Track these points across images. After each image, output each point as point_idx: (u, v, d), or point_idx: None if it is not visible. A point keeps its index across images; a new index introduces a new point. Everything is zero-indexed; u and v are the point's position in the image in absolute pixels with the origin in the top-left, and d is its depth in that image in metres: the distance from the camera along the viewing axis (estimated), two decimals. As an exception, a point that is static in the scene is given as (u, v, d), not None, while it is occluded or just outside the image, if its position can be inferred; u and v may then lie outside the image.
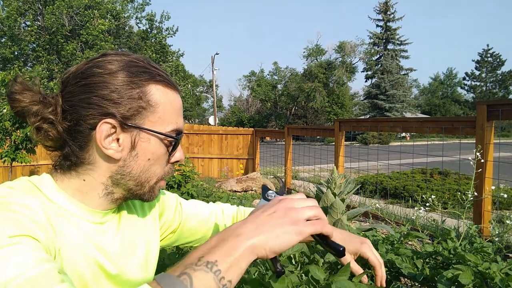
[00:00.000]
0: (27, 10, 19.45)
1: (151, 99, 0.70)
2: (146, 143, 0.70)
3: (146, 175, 0.73)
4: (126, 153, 0.70)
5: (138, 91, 0.68)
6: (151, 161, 0.72)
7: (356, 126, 5.15)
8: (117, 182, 0.72)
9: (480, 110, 3.05)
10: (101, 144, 0.67)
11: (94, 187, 0.71)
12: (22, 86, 0.68)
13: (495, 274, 0.92)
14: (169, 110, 0.72)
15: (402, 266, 1.10)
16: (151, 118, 0.70)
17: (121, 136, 0.69)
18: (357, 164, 6.36)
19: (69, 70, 0.72)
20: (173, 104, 0.73)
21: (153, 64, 0.74)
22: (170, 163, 0.76)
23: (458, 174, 6.38)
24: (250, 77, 51.48)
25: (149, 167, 0.72)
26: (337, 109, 38.51)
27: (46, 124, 0.69)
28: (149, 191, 0.75)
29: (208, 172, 8.72)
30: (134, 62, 0.71)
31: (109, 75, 0.68)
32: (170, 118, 0.72)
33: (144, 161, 0.71)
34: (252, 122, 43.32)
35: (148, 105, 0.69)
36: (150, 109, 0.70)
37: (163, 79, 0.72)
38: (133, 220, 0.84)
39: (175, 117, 0.73)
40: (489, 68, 48.68)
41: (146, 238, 0.85)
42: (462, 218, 1.68)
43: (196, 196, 3.06)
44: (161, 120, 0.71)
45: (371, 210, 3.90)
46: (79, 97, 0.67)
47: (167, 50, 22.75)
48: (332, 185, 1.75)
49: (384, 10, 37.82)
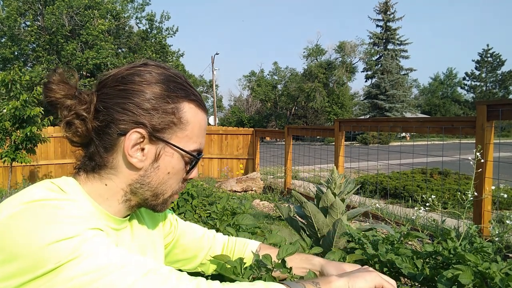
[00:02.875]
0: (27, 10, 19.44)
1: (183, 116, 0.71)
2: (169, 157, 0.72)
3: (163, 188, 0.74)
4: (149, 163, 0.71)
5: (172, 106, 0.70)
6: (170, 175, 0.74)
7: (356, 126, 5.15)
8: (135, 190, 0.73)
9: (480, 110, 3.05)
10: (128, 151, 0.68)
11: (115, 193, 0.72)
12: (61, 77, 0.69)
13: (495, 274, 0.92)
14: (196, 130, 0.74)
15: (402, 266, 1.10)
16: (179, 134, 0.72)
17: (147, 147, 0.70)
18: (357, 164, 6.36)
19: (109, 72, 0.73)
20: (201, 124, 0.75)
21: (189, 83, 0.76)
22: (185, 180, 0.78)
23: (458, 174, 6.38)
24: (250, 77, 51.48)
25: (167, 180, 0.74)
26: (337, 109, 38.49)
27: (78, 120, 0.69)
28: (163, 203, 0.77)
29: (208, 172, 8.72)
30: (173, 78, 0.73)
31: (148, 85, 0.69)
32: (196, 137, 0.74)
33: (164, 174, 0.73)
34: (252, 122, 43.31)
35: (179, 121, 0.71)
36: (180, 126, 0.71)
37: (196, 98, 0.74)
38: (144, 229, 0.85)
39: (200, 137, 0.76)
40: (489, 68, 48.67)
41: (154, 247, 0.86)
42: (462, 218, 1.68)
43: (196, 196, 3.06)
44: (187, 138, 0.73)
45: (371, 210, 3.90)
46: (115, 101, 0.68)
47: (167, 50, 22.74)
48: (332, 185, 1.75)
49: (384, 10, 37.80)
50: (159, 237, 0.90)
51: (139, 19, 22.68)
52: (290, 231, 3.43)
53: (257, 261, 0.90)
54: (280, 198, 5.84)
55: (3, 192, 6.45)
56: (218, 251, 1.01)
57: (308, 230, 1.90)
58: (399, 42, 37.89)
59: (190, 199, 3.02)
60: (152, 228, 0.88)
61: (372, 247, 1.23)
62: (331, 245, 1.64)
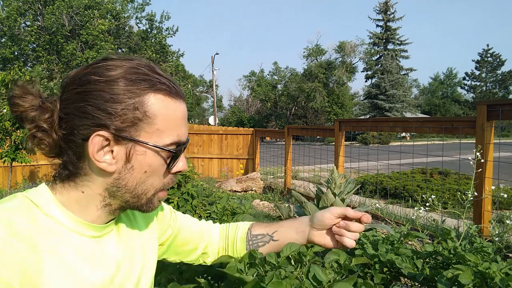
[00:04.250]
0: (27, 10, 19.44)
1: (149, 109, 0.65)
2: (142, 156, 0.67)
3: (142, 188, 0.70)
4: (121, 165, 0.67)
5: (134, 101, 0.64)
6: (148, 173, 0.69)
7: (356, 126, 5.15)
8: (114, 194, 0.69)
9: (480, 110, 3.05)
10: (93, 157, 0.64)
11: (92, 199, 0.69)
12: (23, 90, 0.66)
13: (495, 274, 0.92)
14: (169, 121, 0.68)
15: (402, 266, 1.10)
16: (148, 129, 0.66)
17: (115, 149, 0.65)
18: (357, 164, 6.36)
19: (69, 74, 0.68)
20: (175, 114, 0.69)
21: (157, 71, 0.69)
22: (171, 174, 0.73)
23: (458, 174, 6.38)
24: (250, 77, 51.47)
25: (146, 179, 0.69)
26: (337, 109, 38.49)
27: (40, 132, 0.66)
28: (147, 203, 0.72)
29: (208, 172, 8.72)
30: (135, 69, 0.66)
31: (105, 83, 0.64)
32: (170, 130, 0.68)
33: (140, 174, 0.68)
34: (252, 122, 43.31)
35: (144, 116, 0.65)
36: (147, 121, 0.66)
37: (165, 87, 0.68)
38: (133, 231, 0.82)
39: (176, 129, 0.69)
40: (489, 68, 48.69)
41: (143, 251, 0.82)
42: (462, 218, 1.68)
43: (196, 196, 3.06)
44: (159, 132, 0.67)
45: (371, 210, 3.90)
46: (74, 105, 0.64)
47: (167, 50, 22.75)
48: (332, 185, 1.75)
49: (384, 10, 37.81)
50: (152, 238, 0.87)
51: (139, 19, 22.71)
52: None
53: (260, 259, 0.90)
54: (280, 198, 5.84)
55: (3, 192, 6.46)
56: (216, 240, 1.02)
57: (308, 230, 1.90)
58: (399, 42, 37.91)
59: (190, 199, 3.02)
60: (143, 229, 0.85)
61: (372, 247, 1.23)
62: (331, 245, 1.64)
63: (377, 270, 1.16)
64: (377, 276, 1.13)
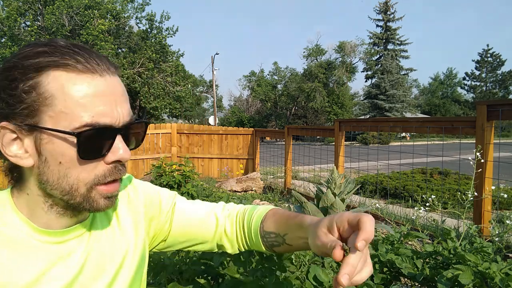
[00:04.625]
0: (27, 10, 19.45)
1: (46, 90, 0.56)
2: (50, 145, 0.58)
3: (67, 182, 0.60)
4: (37, 158, 0.59)
5: (29, 83, 0.56)
6: (65, 164, 0.59)
7: (356, 126, 5.15)
8: (46, 192, 0.62)
9: (480, 110, 3.05)
10: (5, 152, 0.59)
11: (36, 201, 0.63)
12: None
13: (495, 274, 0.92)
14: (74, 101, 0.57)
15: (402, 266, 1.10)
16: (50, 113, 0.57)
17: (25, 141, 0.59)
18: (357, 164, 6.36)
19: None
20: (83, 92, 0.57)
21: (60, 44, 0.60)
22: (109, 164, 0.62)
23: (458, 174, 6.38)
24: (250, 77, 51.47)
25: (66, 171, 0.59)
26: (337, 109, 38.49)
27: None
28: (85, 200, 0.62)
29: (208, 172, 8.72)
30: (31, 48, 0.58)
31: (3, 70, 0.58)
32: (78, 110, 0.57)
33: (56, 166, 0.59)
34: (252, 122, 43.31)
35: (42, 98, 0.56)
36: (45, 103, 0.57)
37: (70, 62, 0.58)
38: (107, 235, 0.72)
39: (87, 109, 0.57)
40: (489, 68, 48.69)
41: (122, 256, 0.73)
42: (462, 218, 1.68)
43: (196, 196, 3.06)
44: (64, 115, 0.57)
45: (371, 210, 3.90)
46: None
47: (167, 50, 22.73)
48: (332, 185, 1.75)
49: (384, 10, 37.81)
50: (136, 242, 0.77)
51: (139, 19, 22.69)
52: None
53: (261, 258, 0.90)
54: (280, 198, 5.84)
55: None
56: (228, 230, 0.88)
57: (308, 230, 1.90)
58: (399, 42, 37.91)
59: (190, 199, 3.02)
60: (128, 230, 0.76)
61: (372, 247, 1.23)
62: (331, 245, 1.63)
63: (377, 270, 1.16)
64: (377, 276, 1.13)
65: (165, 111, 24.03)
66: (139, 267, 0.77)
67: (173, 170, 3.57)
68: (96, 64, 0.60)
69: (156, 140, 8.64)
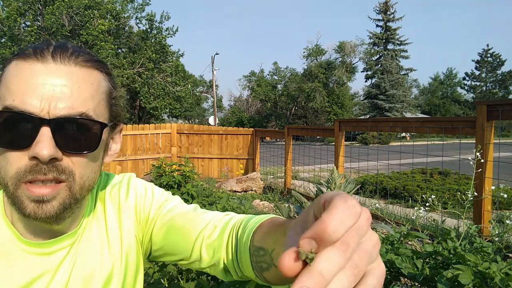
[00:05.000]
0: (27, 10, 19.45)
1: (1, 75, 0.56)
2: None
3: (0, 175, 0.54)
4: None
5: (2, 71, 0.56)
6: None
7: (356, 126, 5.15)
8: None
9: (480, 110, 3.05)
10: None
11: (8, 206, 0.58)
12: None
13: (495, 274, 0.92)
14: (5, 84, 0.54)
15: (402, 266, 1.10)
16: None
17: None
18: (357, 164, 6.36)
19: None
20: (15, 75, 0.54)
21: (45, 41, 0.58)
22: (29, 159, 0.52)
23: (458, 174, 6.38)
24: (250, 77, 51.48)
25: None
26: (337, 109, 38.50)
27: None
28: (14, 200, 0.54)
29: (208, 172, 8.72)
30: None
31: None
32: (3, 93, 0.54)
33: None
34: (252, 122, 43.32)
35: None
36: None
37: (26, 52, 0.56)
38: (95, 246, 0.67)
39: (12, 92, 0.53)
40: (489, 68, 48.70)
41: (110, 269, 0.67)
42: (462, 218, 1.68)
43: (196, 196, 3.06)
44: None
45: (371, 210, 3.90)
46: None
47: (167, 50, 22.74)
48: (332, 185, 1.75)
49: (384, 10, 37.81)
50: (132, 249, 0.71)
51: (139, 19, 22.71)
52: (290, 231, 3.43)
53: None
54: (280, 198, 5.84)
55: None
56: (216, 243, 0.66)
57: (308, 230, 1.90)
58: (399, 42, 37.91)
59: (190, 199, 3.02)
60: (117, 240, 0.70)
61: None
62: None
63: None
64: (377, 276, 1.12)
65: (165, 111, 24.04)
66: (131, 278, 0.70)
67: (173, 170, 3.57)
68: (50, 52, 0.55)
69: (156, 140, 8.65)
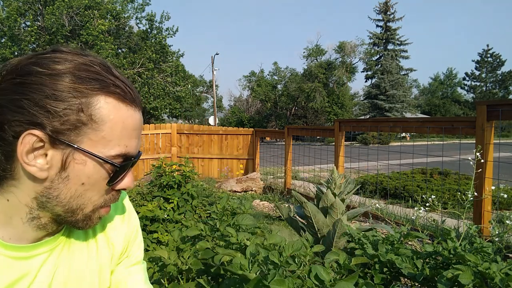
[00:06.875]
0: (27, 10, 19.45)
1: (96, 113, 0.57)
2: (81, 165, 0.58)
3: (78, 202, 0.60)
4: (55, 173, 0.57)
5: (80, 101, 0.56)
6: (86, 186, 0.60)
7: (356, 126, 5.15)
8: (43, 205, 0.59)
9: (480, 110, 3.05)
10: (22, 158, 0.55)
11: (18, 210, 0.59)
12: None
13: (495, 274, 0.92)
14: (118, 130, 0.59)
15: (402, 266, 1.10)
16: (92, 136, 0.58)
17: (50, 153, 0.57)
18: (357, 164, 6.36)
19: (9, 62, 0.60)
20: (126, 123, 0.60)
21: (112, 71, 0.61)
22: (115, 190, 0.64)
23: (458, 174, 6.38)
24: (250, 77, 51.49)
25: (83, 192, 0.60)
26: (337, 109, 38.51)
27: None
28: (84, 219, 0.63)
29: (208, 172, 8.72)
30: (86, 66, 0.58)
31: (49, 76, 0.56)
32: (118, 139, 0.60)
33: (76, 185, 0.59)
34: (252, 122, 43.33)
35: (90, 120, 0.57)
36: (92, 126, 0.57)
37: (119, 91, 0.60)
38: (81, 251, 0.69)
39: (125, 139, 0.60)
40: (489, 68, 48.72)
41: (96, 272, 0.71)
42: (462, 218, 1.68)
43: (196, 196, 3.06)
44: (105, 141, 0.58)
45: (371, 210, 3.90)
46: (10, 97, 0.55)
47: (167, 50, 22.74)
48: (332, 185, 1.75)
49: (384, 10, 37.82)
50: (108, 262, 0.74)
51: (139, 19, 22.70)
52: (290, 231, 3.43)
53: (265, 257, 0.90)
54: (280, 198, 5.84)
55: None
56: None
57: (308, 230, 1.90)
58: (399, 42, 37.91)
59: (190, 199, 3.02)
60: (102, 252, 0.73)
61: (372, 247, 1.23)
62: (331, 245, 1.64)
63: (377, 270, 1.16)
64: (377, 276, 1.13)
65: (165, 111, 24.04)
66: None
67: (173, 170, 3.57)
68: (137, 97, 0.64)
69: (156, 140, 8.65)
